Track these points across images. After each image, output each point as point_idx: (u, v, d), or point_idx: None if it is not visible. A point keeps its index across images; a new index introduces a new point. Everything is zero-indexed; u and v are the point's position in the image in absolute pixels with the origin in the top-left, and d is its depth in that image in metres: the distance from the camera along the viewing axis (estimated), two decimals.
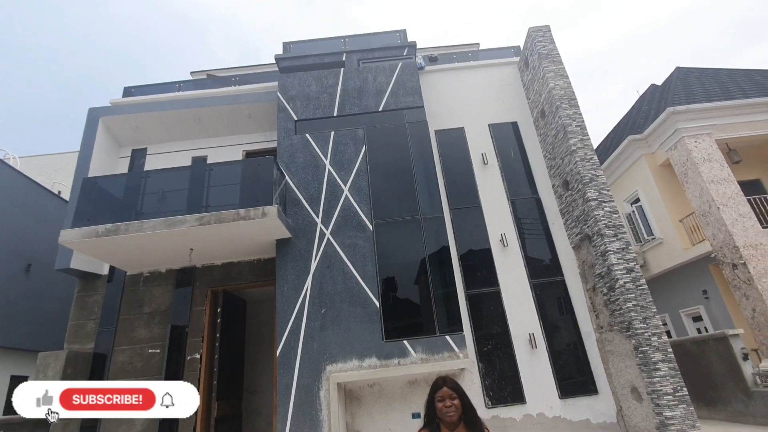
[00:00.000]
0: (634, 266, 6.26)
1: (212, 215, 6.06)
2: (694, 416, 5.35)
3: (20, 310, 9.89)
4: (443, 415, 2.17)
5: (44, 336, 9.80)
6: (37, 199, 11.35)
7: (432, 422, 2.24)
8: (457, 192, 7.77)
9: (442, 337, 6.09)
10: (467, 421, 2.20)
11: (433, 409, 2.23)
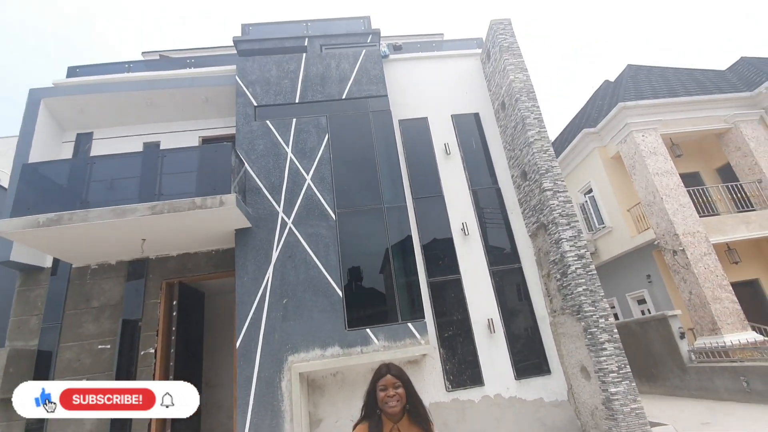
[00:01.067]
0: (584, 253, 6.59)
1: (166, 204, 5.79)
2: (635, 391, 5.76)
3: None
4: (385, 406, 1.99)
5: None
6: None
7: (373, 414, 2.03)
8: (420, 182, 7.84)
9: (404, 325, 6.19)
10: (411, 413, 2.02)
11: (374, 399, 2.04)
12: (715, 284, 9.33)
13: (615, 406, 5.63)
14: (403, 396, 2.00)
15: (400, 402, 1.99)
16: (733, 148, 11.61)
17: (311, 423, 6.01)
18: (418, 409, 2.02)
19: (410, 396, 2.03)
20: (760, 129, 11.47)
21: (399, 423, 1.99)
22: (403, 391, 2.01)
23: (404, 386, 2.02)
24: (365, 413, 2.06)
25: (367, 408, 2.06)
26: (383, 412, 2.00)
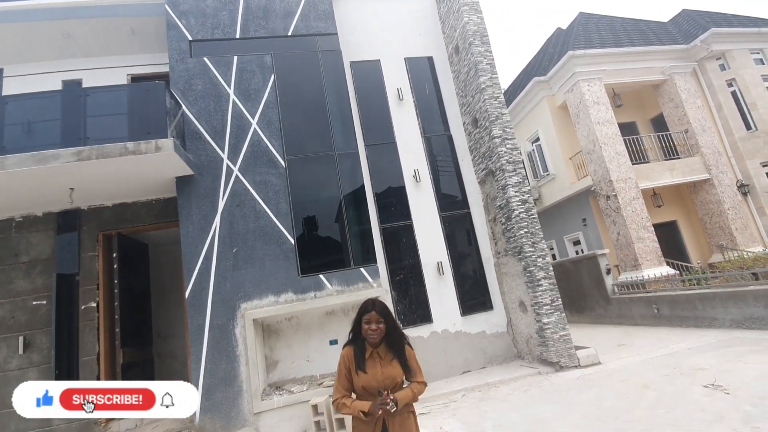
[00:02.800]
0: (528, 198, 6.95)
1: (93, 149, 5.26)
2: (565, 321, 6.42)
3: None
4: (367, 336, 2.35)
5: None
6: None
7: (358, 339, 2.40)
8: (372, 128, 7.69)
9: (357, 270, 6.34)
10: (388, 342, 2.37)
11: (360, 328, 2.38)
12: (639, 225, 10.30)
13: (547, 334, 6.28)
14: (383, 330, 2.35)
15: (380, 335, 2.34)
16: (666, 99, 12.35)
17: (268, 365, 6.18)
18: (394, 340, 2.37)
19: (390, 329, 2.37)
20: (692, 81, 12.23)
21: (378, 348, 2.36)
22: (384, 327, 2.35)
23: (386, 321, 2.35)
24: (352, 338, 2.44)
25: (354, 334, 2.44)
26: (365, 339, 2.37)
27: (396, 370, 2.29)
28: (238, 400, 5.47)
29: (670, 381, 4.94)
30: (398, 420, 2.25)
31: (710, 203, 11.43)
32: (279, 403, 5.51)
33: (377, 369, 2.29)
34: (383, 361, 2.31)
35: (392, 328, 2.36)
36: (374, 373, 2.27)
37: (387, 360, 2.32)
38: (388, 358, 2.32)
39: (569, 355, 6.20)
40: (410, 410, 2.33)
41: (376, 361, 2.32)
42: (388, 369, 2.29)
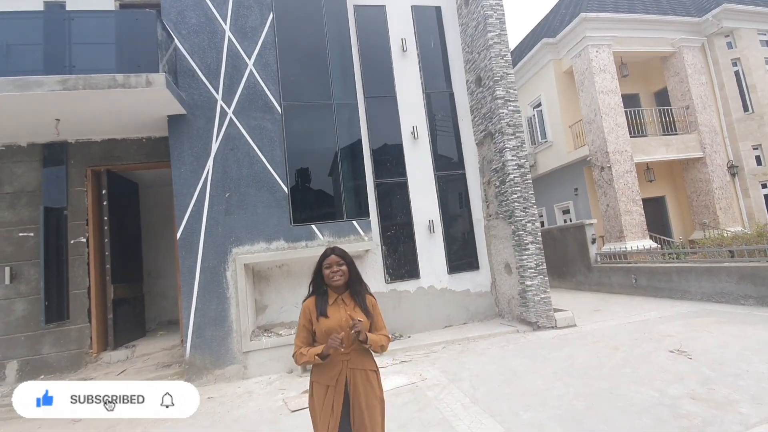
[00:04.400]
0: (524, 163, 6.93)
1: (80, 79, 5.01)
2: (547, 284, 6.64)
3: None
4: (330, 281, 2.21)
5: None
6: None
7: (319, 290, 2.27)
8: (372, 79, 7.42)
9: (350, 222, 6.37)
10: (351, 289, 2.25)
11: (321, 277, 2.25)
12: (629, 199, 10.46)
13: (528, 295, 6.51)
14: (346, 272, 2.23)
15: (344, 277, 2.22)
16: (672, 73, 12.12)
17: (257, 309, 6.35)
18: (356, 287, 2.26)
19: (352, 274, 2.25)
20: (699, 56, 11.97)
21: (343, 295, 2.24)
22: (346, 269, 2.23)
23: (347, 265, 2.24)
24: (313, 290, 2.29)
25: (314, 284, 2.29)
26: (329, 286, 2.24)
27: (361, 317, 2.15)
28: (228, 340, 5.65)
29: (638, 344, 5.22)
30: (362, 376, 2.13)
31: (699, 181, 11.59)
32: (267, 344, 5.71)
33: (341, 315, 2.15)
34: (348, 308, 2.19)
35: (355, 275, 2.26)
36: (338, 318, 2.14)
37: (352, 307, 2.19)
38: (352, 305, 2.20)
39: (547, 317, 6.48)
40: (372, 369, 2.19)
41: (341, 306, 2.19)
42: (354, 315, 2.15)
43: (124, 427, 4.29)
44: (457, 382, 4.55)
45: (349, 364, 2.13)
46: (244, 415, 4.35)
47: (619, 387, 3.96)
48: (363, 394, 2.11)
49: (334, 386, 2.10)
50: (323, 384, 2.12)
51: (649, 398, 3.64)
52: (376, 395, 2.15)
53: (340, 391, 2.10)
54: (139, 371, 5.82)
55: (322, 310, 2.17)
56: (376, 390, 2.17)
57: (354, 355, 2.14)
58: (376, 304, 2.29)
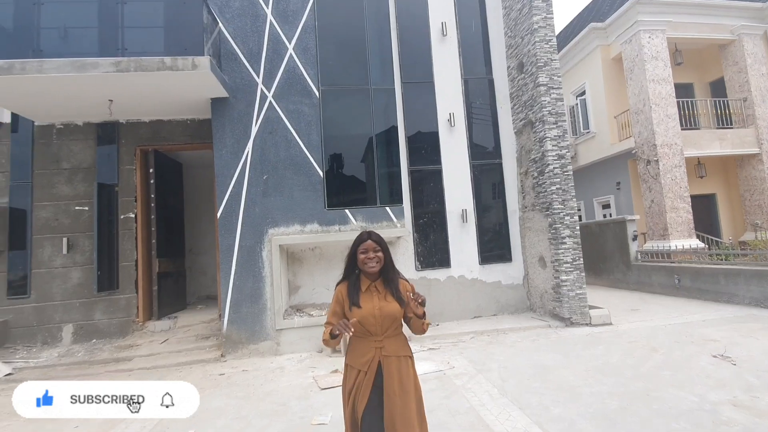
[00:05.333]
0: (565, 153, 6.69)
1: (132, 61, 5.24)
2: (583, 280, 6.44)
3: None
4: (364, 266, 2.15)
5: None
6: None
7: (352, 274, 2.22)
8: (410, 64, 7.32)
9: (383, 208, 6.40)
10: (384, 277, 2.18)
11: (355, 261, 2.19)
12: (676, 195, 9.89)
13: (563, 290, 6.35)
14: (381, 259, 2.16)
15: (379, 264, 2.15)
16: (731, 62, 11.25)
17: (290, 289, 6.54)
18: (389, 274, 2.19)
19: (386, 261, 2.18)
20: (761, 45, 11.03)
21: (376, 282, 2.18)
22: (382, 255, 2.16)
23: (383, 252, 2.17)
24: (345, 274, 2.24)
25: (347, 269, 2.23)
26: (362, 272, 2.18)
27: (394, 306, 2.10)
28: (262, 317, 5.87)
29: (679, 347, 5.01)
30: (395, 363, 2.09)
31: (754, 179, 10.79)
32: (299, 323, 5.89)
33: (374, 303, 2.09)
34: (380, 296, 2.12)
35: (389, 262, 2.18)
36: (371, 308, 2.08)
37: (384, 295, 2.13)
38: (385, 293, 2.13)
39: (582, 313, 6.31)
40: (407, 354, 2.15)
41: (374, 295, 2.13)
42: (386, 304, 2.10)
43: None
44: (485, 373, 4.54)
45: (382, 351, 2.09)
46: (276, 389, 4.53)
47: (657, 389, 3.83)
48: (397, 381, 2.07)
49: (365, 372, 2.08)
50: (355, 368, 2.12)
51: (688, 402, 3.50)
52: (410, 381, 2.11)
53: (371, 377, 2.08)
54: (180, 341, 6.17)
55: (355, 300, 2.12)
56: (411, 376, 2.13)
57: (387, 342, 2.11)
58: (410, 289, 2.20)
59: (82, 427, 3.74)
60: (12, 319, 6.20)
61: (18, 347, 6.08)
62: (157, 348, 5.92)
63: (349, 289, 2.16)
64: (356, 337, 2.13)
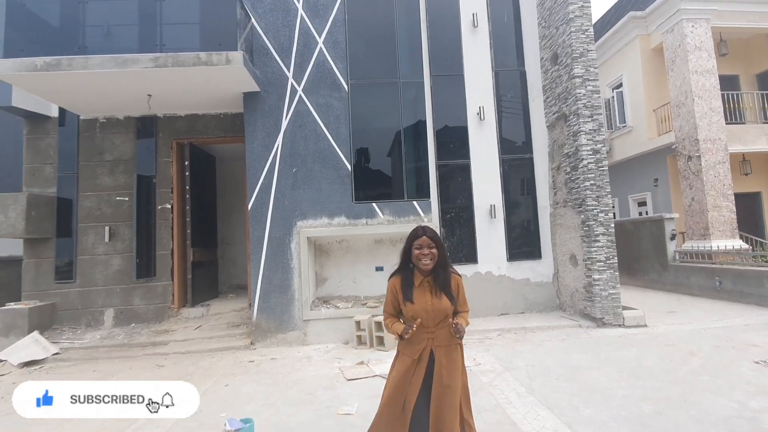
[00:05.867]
0: (600, 148, 6.45)
1: (169, 57, 5.42)
2: (616, 280, 6.23)
3: None
4: (418, 262, 2.19)
5: None
6: None
7: (406, 268, 2.27)
8: (440, 57, 7.23)
9: (410, 202, 6.39)
10: (437, 272, 2.21)
11: (409, 256, 2.23)
12: (719, 193, 9.38)
13: (595, 290, 6.16)
14: (435, 256, 2.20)
15: (433, 260, 2.19)
16: None
17: (317, 281, 6.65)
18: (442, 270, 2.23)
19: (442, 257, 2.22)
20: None
21: (429, 277, 2.23)
22: (437, 252, 2.20)
23: (438, 248, 2.21)
24: (399, 267, 2.30)
25: (402, 263, 2.29)
26: (416, 267, 2.23)
27: (445, 302, 2.16)
28: (290, 307, 6.00)
29: (718, 352, 4.78)
30: (445, 352, 2.17)
31: None
32: (326, 314, 5.99)
33: (426, 299, 2.16)
34: (433, 292, 2.18)
35: (443, 258, 2.21)
36: (423, 304, 2.16)
37: (436, 291, 2.18)
38: (437, 289, 2.18)
39: (614, 314, 6.11)
40: (457, 342, 2.22)
41: (426, 290, 2.18)
42: (437, 301, 2.15)
43: (199, 378, 4.75)
44: (512, 371, 4.49)
45: (434, 342, 2.18)
46: (303, 378, 4.63)
47: (694, 394, 3.67)
48: (446, 368, 2.16)
49: (417, 360, 2.17)
50: (408, 356, 2.20)
51: (727, 409, 3.35)
52: (458, 368, 2.19)
53: (423, 366, 2.17)
54: (212, 328, 6.40)
55: (408, 296, 2.20)
56: (458, 362, 2.20)
57: (439, 333, 2.17)
58: (461, 284, 2.28)
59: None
60: (59, 302, 6.59)
61: (64, 328, 6.47)
62: (191, 334, 6.17)
63: (403, 283, 2.23)
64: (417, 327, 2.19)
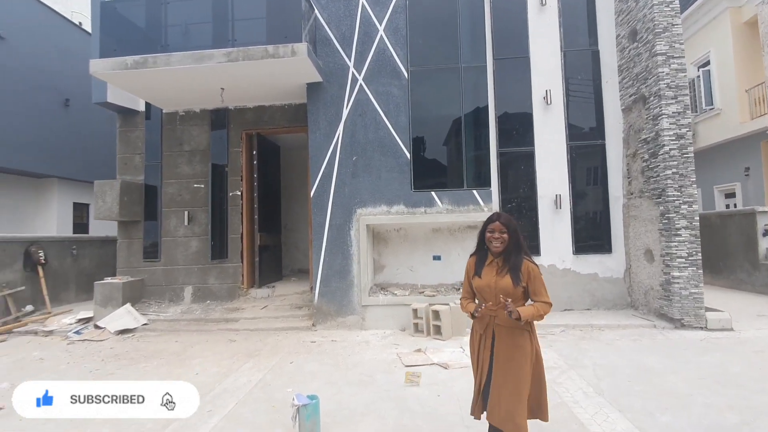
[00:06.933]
0: (685, 133, 5.85)
1: (240, 51, 5.73)
2: (699, 278, 5.67)
3: (66, 144, 10.47)
4: (490, 245, 2.40)
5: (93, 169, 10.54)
6: (62, 32, 10.81)
7: (481, 249, 2.50)
8: (504, 39, 6.92)
9: (470, 191, 6.26)
10: (508, 255, 2.36)
11: (483, 238, 2.44)
12: None
13: (674, 288, 5.66)
14: (506, 240, 2.36)
15: (503, 244, 2.36)
16: None
17: (375, 268, 6.78)
18: (512, 253, 2.37)
19: (512, 242, 2.36)
20: None
21: (498, 258, 2.41)
22: (507, 237, 2.35)
23: (509, 233, 2.35)
24: (477, 249, 2.53)
25: (478, 245, 2.53)
26: (489, 250, 2.44)
27: (508, 282, 2.29)
28: (350, 292, 6.19)
29: None
30: (507, 333, 2.31)
31: None
32: (383, 301, 6.10)
33: (492, 276, 2.35)
34: (499, 271, 2.35)
35: (515, 243, 2.35)
36: (488, 280, 2.35)
37: (502, 271, 2.34)
38: (505, 269, 2.34)
39: (696, 315, 5.59)
40: (525, 329, 2.31)
41: (494, 269, 2.37)
42: (501, 279, 2.31)
43: (264, 357, 5.08)
44: (577, 369, 4.29)
45: (495, 320, 2.35)
46: (362, 361, 4.78)
47: None
48: (504, 349, 2.32)
49: (482, 335, 2.42)
50: (477, 332, 2.47)
51: None
52: (521, 352, 2.29)
53: (487, 341, 2.39)
54: (277, 308, 6.79)
55: (478, 271, 2.44)
56: (522, 347, 2.29)
57: (500, 313, 2.30)
58: (535, 272, 2.34)
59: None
60: (147, 279, 7.35)
61: (151, 302, 7.21)
62: (258, 313, 6.60)
63: (477, 261, 2.49)
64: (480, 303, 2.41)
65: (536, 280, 2.32)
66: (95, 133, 10.97)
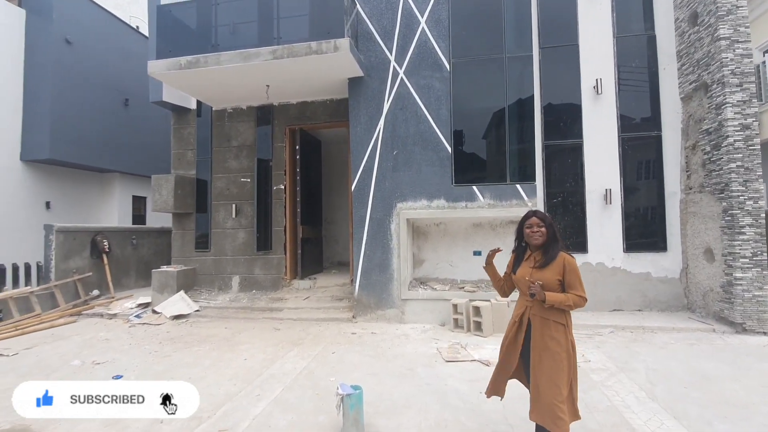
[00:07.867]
0: (751, 123, 5.38)
1: (284, 48, 5.88)
2: (764, 279, 5.24)
3: (126, 141, 11.23)
4: (529, 239, 2.47)
5: (150, 164, 11.27)
6: (121, 36, 11.53)
7: (519, 246, 2.59)
8: (551, 26, 6.64)
9: (513, 186, 6.10)
10: (545, 249, 2.43)
11: (521, 234, 2.54)
12: None
13: (736, 290, 5.27)
14: (545, 234, 2.42)
15: (542, 237, 2.43)
16: None
17: (415, 262, 6.80)
18: (549, 246, 2.42)
19: (551, 237, 2.43)
20: None
21: (535, 253, 2.49)
22: (545, 230, 2.42)
23: (546, 227, 2.42)
24: (516, 246, 2.63)
25: (517, 241, 2.62)
26: (527, 243, 2.52)
27: (542, 275, 2.35)
28: (389, 285, 6.25)
29: None
30: (541, 323, 2.35)
31: None
32: (423, 295, 6.12)
33: (528, 270, 2.44)
34: (536, 264, 2.42)
35: (553, 237, 2.40)
36: (524, 273, 2.44)
37: (538, 263, 2.41)
38: (540, 262, 2.40)
39: (759, 319, 5.18)
40: (561, 322, 2.32)
41: (531, 262, 2.46)
42: (536, 272, 2.39)
43: (307, 346, 5.24)
44: (628, 372, 4.11)
45: (531, 310, 2.42)
46: (402, 353, 4.83)
47: None
48: (539, 338, 2.36)
49: (518, 323, 2.48)
50: (514, 319, 2.52)
51: None
52: (555, 343, 2.31)
53: (522, 331, 2.45)
54: (319, 300, 6.98)
55: (516, 265, 2.57)
56: (556, 339, 2.31)
57: (536, 303, 2.38)
58: (572, 264, 2.36)
59: None
60: (198, 268, 7.80)
61: (202, 290, 7.64)
62: (301, 303, 6.82)
63: (516, 257, 2.61)
64: (520, 294, 2.54)
65: (572, 273, 2.34)
66: (152, 131, 11.70)
